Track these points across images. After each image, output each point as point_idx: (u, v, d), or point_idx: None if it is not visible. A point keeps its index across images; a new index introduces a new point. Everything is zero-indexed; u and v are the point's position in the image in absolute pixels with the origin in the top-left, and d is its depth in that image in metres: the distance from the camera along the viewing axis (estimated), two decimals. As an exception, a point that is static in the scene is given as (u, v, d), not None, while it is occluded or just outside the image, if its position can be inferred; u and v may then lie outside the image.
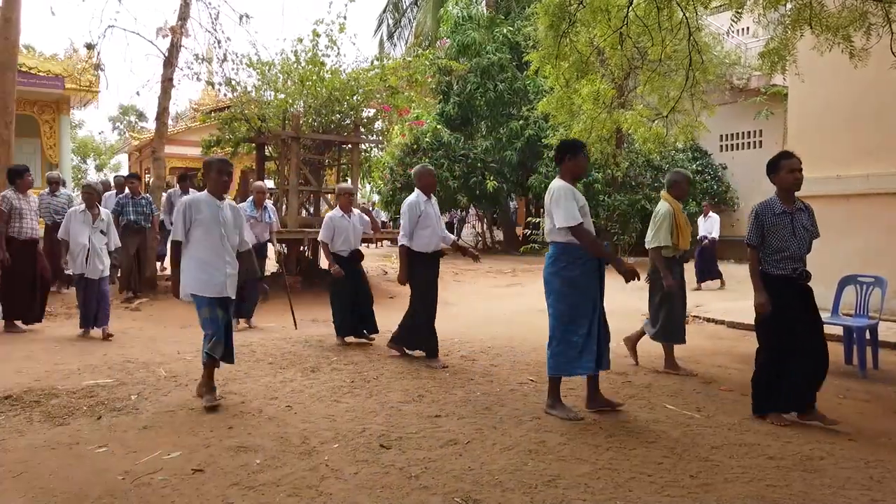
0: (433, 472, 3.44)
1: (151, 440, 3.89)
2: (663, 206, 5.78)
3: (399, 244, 6.03)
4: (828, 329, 6.26)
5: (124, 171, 33.13)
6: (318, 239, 6.85)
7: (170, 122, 14.03)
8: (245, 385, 5.17)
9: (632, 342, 6.16)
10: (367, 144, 13.13)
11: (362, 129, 12.30)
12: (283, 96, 11.63)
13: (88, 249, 7.07)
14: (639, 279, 4.51)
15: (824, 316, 6.25)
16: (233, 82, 11.43)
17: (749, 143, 19.62)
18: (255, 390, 5.02)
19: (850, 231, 8.24)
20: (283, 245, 10.36)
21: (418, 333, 6.10)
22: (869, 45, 6.06)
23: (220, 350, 4.62)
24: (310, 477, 3.37)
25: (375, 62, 12.43)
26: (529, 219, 18.33)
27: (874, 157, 8.25)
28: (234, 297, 4.76)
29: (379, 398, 4.85)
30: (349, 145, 12.04)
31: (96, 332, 7.24)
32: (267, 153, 12.47)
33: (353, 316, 6.90)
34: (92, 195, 7.25)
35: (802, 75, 7.53)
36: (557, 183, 4.48)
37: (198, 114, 23.93)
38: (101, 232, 7.21)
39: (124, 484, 3.27)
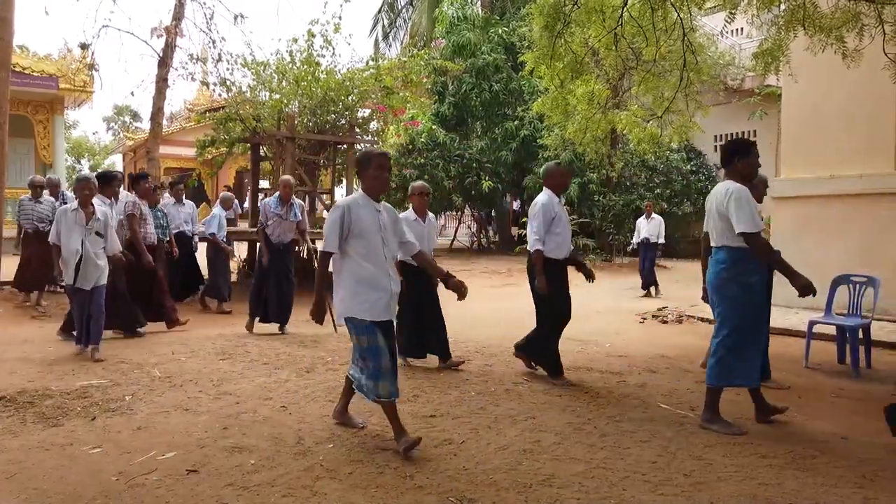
0: (428, 472, 3.44)
1: (146, 441, 3.89)
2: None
3: (532, 249, 5.33)
4: (821, 328, 6.33)
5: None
6: (323, 250, 6.09)
7: (164, 122, 14.04)
8: (240, 385, 5.17)
9: None
10: (362, 145, 13.13)
11: (357, 130, 12.31)
12: (277, 96, 11.63)
13: (81, 256, 6.00)
14: (815, 294, 4.03)
15: (818, 315, 6.31)
16: (227, 82, 11.44)
17: (743, 143, 19.64)
18: (250, 391, 5.02)
19: (844, 231, 8.28)
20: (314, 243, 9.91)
21: (545, 350, 5.51)
22: (862, 46, 6.09)
23: (392, 389, 3.75)
24: (304, 477, 3.37)
25: (371, 62, 12.45)
26: (524, 219, 18.36)
27: (867, 157, 8.30)
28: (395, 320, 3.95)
29: (374, 398, 4.84)
30: (344, 146, 12.03)
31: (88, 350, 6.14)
32: (262, 153, 12.45)
33: (420, 336, 5.86)
34: (87, 190, 6.17)
35: (796, 76, 7.56)
36: (732, 185, 4.21)
37: (192, 114, 23.90)
38: (98, 234, 6.11)
39: (118, 485, 3.27)
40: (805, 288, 4.01)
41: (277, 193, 7.65)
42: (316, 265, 7.84)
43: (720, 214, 4.21)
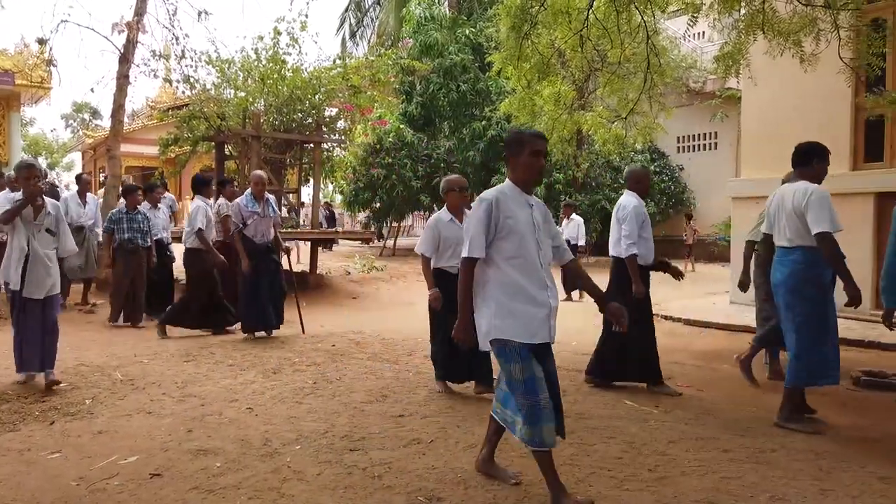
0: (396, 472, 3.44)
1: (107, 445, 3.80)
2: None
3: (627, 254, 5.04)
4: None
5: (77, 170, 32.23)
6: (418, 251, 5.04)
7: (126, 119, 13.72)
8: (205, 387, 5.09)
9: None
10: (329, 144, 13.05)
11: (324, 129, 12.23)
12: (243, 94, 11.49)
13: (28, 256, 4.93)
14: (858, 306, 4.12)
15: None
16: (191, 80, 11.25)
17: (705, 144, 20.11)
18: (215, 392, 4.94)
19: (801, 230, 8.48)
20: (297, 243, 9.78)
21: (648, 361, 5.22)
22: (818, 51, 6.26)
23: (552, 435, 3.02)
24: (271, 479, 3.34)
25: (338, 61, 12.38)
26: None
27: (823, 158, 8.53)
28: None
29: (342, 399, 4.83)
30: (311, 144, 11.94)
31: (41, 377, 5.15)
32: (227, 152, 12.28)
33: (461, 361, 4.93)
34: (33, 179, 4.96)
35: (755, 79, 7.75)
36: (810, 186, 4.27)
37: (155, 111, 23.44)
38: (49, 232, 5.06)
39: (79, 490, 3.19)
40: (854, 299, 4.11)
41: (248, 192, 7.12)
42: (289, 265, 7.81)
43: (798, 214, 4.22)
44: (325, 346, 6.85)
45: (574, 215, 12.29)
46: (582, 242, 12.00)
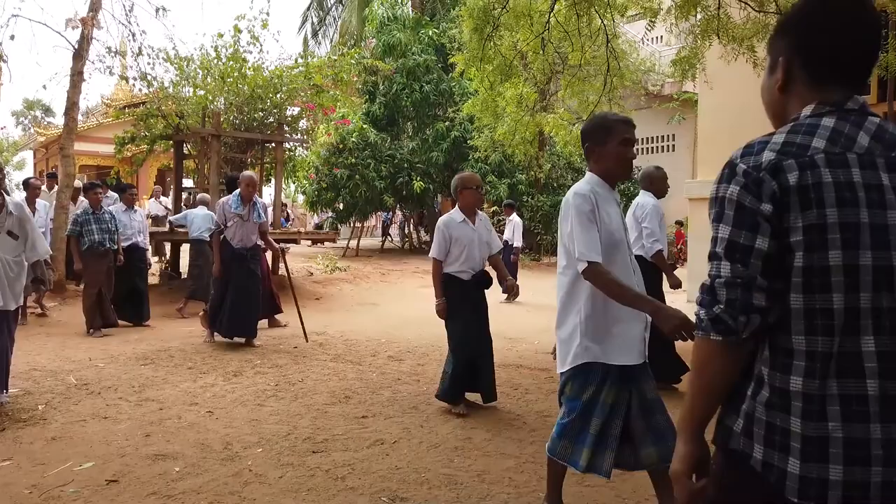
0: (360, 473, 3.43)
1: (61, 451, 3.70)
2: None
3: (654, 251, 4.99)
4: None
5: (28, 171, 31.20)
6: (431, 256, 4.65)
7: (80, 117, 13.35)
8: (163, 391, 4.99)
9: None
10: (291, 143, 12.92)
11: (286, 128, 12.09)
12: (202, 93, 11.28)
13: None
14: None
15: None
16: (148, 77, 11.00)
17: (663, 146, 20.52)
18: (174, 396, 4.86)
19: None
20: (287, 245, 9.27)
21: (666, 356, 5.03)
22: (770, 56, 6.45)
23: (609, 461, 2.68)
24: (232, 483, 3.30)
25: (300, 60, 12.25)
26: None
27: (776, 161, 8.80)
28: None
29: (304, 401, 4.79)
30: (273, 144, 11.81)
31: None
32: (186, 151, 12.07)
33: (467, 375, 4.60)
34: None
35: (711, 83, 7.95)
36: None
37: (110, 109, 22.85)
38: (11, 235, 4.49)
39: (32, 498, 3.10)
40: None
41: (237, 192, 6.76)
42: (287, 269, 7.53)
43: None
44: (287, 347, 6.79)
45: (514, 216, 12.12)
46: (518, 243, 11.82)
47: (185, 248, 11.54)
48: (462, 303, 4.53)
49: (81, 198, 9.68)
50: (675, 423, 1.57)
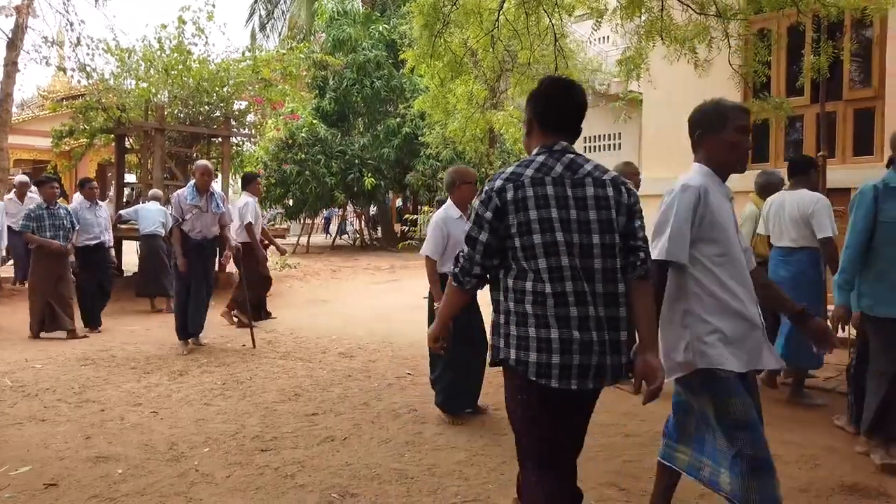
0: (309, 470, 3.41)
1: (-5, 456, 3.56)
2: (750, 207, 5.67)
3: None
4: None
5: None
6: (424, 254, 4.35)
7: (14, 109, 12.79)
8: (104, 392, 4.85)
9: None
10: (238, 138, 12.68)
11: (233, 122, 11.87)
12: (145, 85, 10.98)
13: None
14: None
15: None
16: (88, 68, 10.64)
17: (609, 145, 20.93)
18: (117, 397, 4.72)
19: (697, 227, 9.00)
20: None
21: None
22: (711, 57, 6.67)
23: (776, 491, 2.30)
24: (178, 484, 3.23)
25: (247, 53, 12.03)
26: (407, 216, 18.48)
27: (716, 159, 9.08)
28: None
29: (253, 399, 4.73)
30: (219, 138, 11.56)
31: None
32: (128, 145, 11.71)
33: (464, 385, 4.43)
34: None
35: (655, 83, 8.14)
36: (815, 195, 4.73)
37: (47, 101, 21.95)
38: None
39: (-37, 505, 2.98)
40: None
41: (191, 183, 6.54)
42: (238, 267, 7.20)
43: (804, 220, 4.68)
44: (236, 345, 6.67)
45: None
46: None
47: (128, 245, 11.20)
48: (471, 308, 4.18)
49: (31, 193, 9.32)
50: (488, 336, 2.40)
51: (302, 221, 19.74)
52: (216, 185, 7.29)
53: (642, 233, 2.24)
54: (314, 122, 17.29)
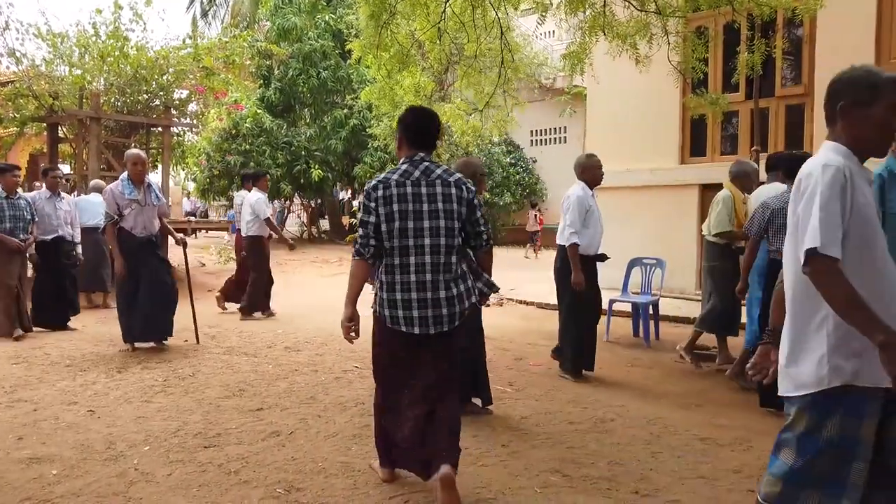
0: (254, 466, 3.37)
1: (-82, 461, 3.39)
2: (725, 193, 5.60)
3: (568, 243, 5.05)
4: (619, 306, 7.06)
5: None
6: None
7: (-66, 95, 12.09)
8: (38, 391, 4.67)
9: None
10: (179, 128, 12.33)
11: (174, 112, 11.53)
12: (79, 72, 10.55)
13: None
14: None
15: (615, 294, 7.03)
16: (17, 54, 10.17)
17: (555, 138, 21.24)
18: (51, 396, 4.55)
19: (636, 218, 9.27)
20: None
21: (571, 344, 5.23)
22: (651, 53, 6.84)
23: None
24: (116, 483, 3.15)
25: (188, 41, 11.70)
26: (355, 209, 18.34)
27: (656, 153, 9.35)
28: None
29: (195, 395, 4.63)
30: (159, 128, 11.22)
31: None
32: (61, 134, 11.25)
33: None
34: None
35: (598, 78, 8.31)
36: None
37: (-28, 87, 20.84)
38: None
39: None
40: None
41: (125, 175, 5.98)
42: (186, 261, 6.64)
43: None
44: (177, 341, 6.50)
45: None
46: None
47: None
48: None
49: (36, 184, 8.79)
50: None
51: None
52: (155, 177, 6.99)
53: (482, 218, 3.10)
54: (259, 112, 16.94)
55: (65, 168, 14.10)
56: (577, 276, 4.99)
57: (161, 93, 11.24)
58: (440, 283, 2.93)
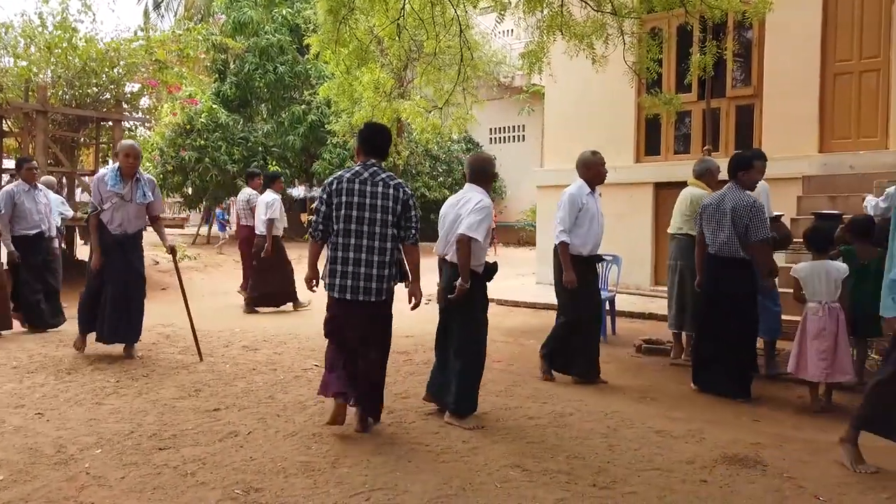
0: (211, 467, 3.32)
1: None
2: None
3: (557, 241, 4.98)
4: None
5: None
6: (468, 234, 4.05)
7: None
8: (-18, 395, 4.49)
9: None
10: (131, 122, 12.00)
11: (126, 105, 11.22)
12: (25, 64, 10.16)
13: None
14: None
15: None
16: (-44, 44, 9.72)
17: (514, 136, 21.41)
18: (-4, 400, 4.39)
19: (596, 216, 9.40)
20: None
21: (584, 353, 5.07)
22: (608, 53, 6.96)
23: None
24: (67, 488, 3.06)
25: (140, 33, 11.39)
26: (313, 205, 18.17)
27: (611, 151, 9.43)
28: None
29: (149, 396, 4.53)
30: (110, 122, 10.91)
31: None
32: (6, 128, 10.82)
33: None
34: None
35: (556, 77, 8.42)
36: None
37: None
38: None
39: None
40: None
41: (115, 166, 5.56)
42: (177, 269, 6.07)
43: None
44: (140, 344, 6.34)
45: None
46: None
47: None
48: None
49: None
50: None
51: (201, 211, 18.98)
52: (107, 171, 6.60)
53: (415, 217, 3.83)
54: (214, 107, 16.61)
55: (8, 163, 13.59)
56: (568, 274, 4.91)
57: (112, 86, 10.91)
58: (373, 263, 3.73)
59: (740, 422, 4.23)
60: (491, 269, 4.25)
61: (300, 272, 5.18)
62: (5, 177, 11.20)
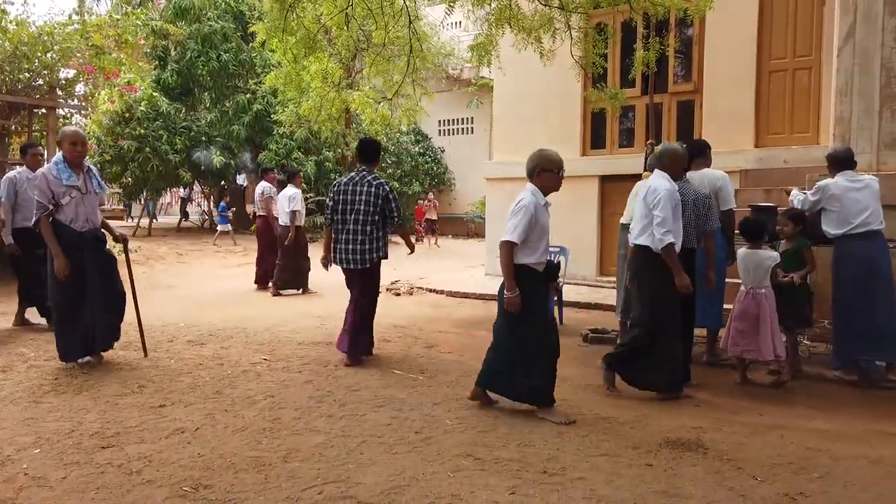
0: (158, 465, 3.24)
1: None
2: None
3: (664, 244, 4.33)
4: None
5: None
6: (509, 239, 4.02)
7: None
8: None
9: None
10: (66, 109, 11.54)
11: (60, 92, 10.77)
12: (-52, 47, 9.63)
13: None
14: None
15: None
16: None
17: (463, 128, 21.49)
18: (-77, 401, 4.17)
19: (544, 208, 9.54)
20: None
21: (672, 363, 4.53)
22: (555, 47, 7.05)
23: None
24: (4, 489, 2.94)
25: (75, 16, 10.94)
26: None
27: (560, 144, 9.60)
28: None
29: (91, 393, 4.38)
30: (43, 109, 10.45)
31: None
32: (-72, 115, 10.24)
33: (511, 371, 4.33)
34: None
35: (505, 70, 8.48)
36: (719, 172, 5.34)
37: None
38: None
39: None
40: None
41: (59, 157, 5.03)
42: (128, 263, 5.55)
43: (714, 195, 5.13)
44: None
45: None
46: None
47: None
48: (542, 294, 4.19)
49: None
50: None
51: (142, 202, 18.37)
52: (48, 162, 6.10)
53: (395, 205, 5.32)
54: (154, 94, 16.06)
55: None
56: (681, 278, 4.36)
57: (45, 72, 10.47)
58: (358, 241, 5.24)
59: (682, 407, 4.38)
60: (553, 268, 4.31)
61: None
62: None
